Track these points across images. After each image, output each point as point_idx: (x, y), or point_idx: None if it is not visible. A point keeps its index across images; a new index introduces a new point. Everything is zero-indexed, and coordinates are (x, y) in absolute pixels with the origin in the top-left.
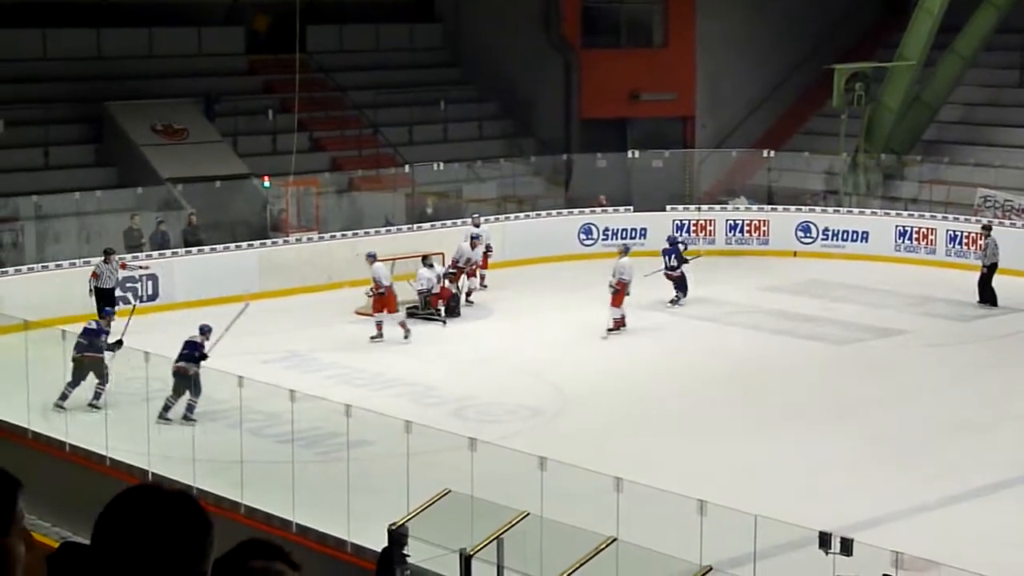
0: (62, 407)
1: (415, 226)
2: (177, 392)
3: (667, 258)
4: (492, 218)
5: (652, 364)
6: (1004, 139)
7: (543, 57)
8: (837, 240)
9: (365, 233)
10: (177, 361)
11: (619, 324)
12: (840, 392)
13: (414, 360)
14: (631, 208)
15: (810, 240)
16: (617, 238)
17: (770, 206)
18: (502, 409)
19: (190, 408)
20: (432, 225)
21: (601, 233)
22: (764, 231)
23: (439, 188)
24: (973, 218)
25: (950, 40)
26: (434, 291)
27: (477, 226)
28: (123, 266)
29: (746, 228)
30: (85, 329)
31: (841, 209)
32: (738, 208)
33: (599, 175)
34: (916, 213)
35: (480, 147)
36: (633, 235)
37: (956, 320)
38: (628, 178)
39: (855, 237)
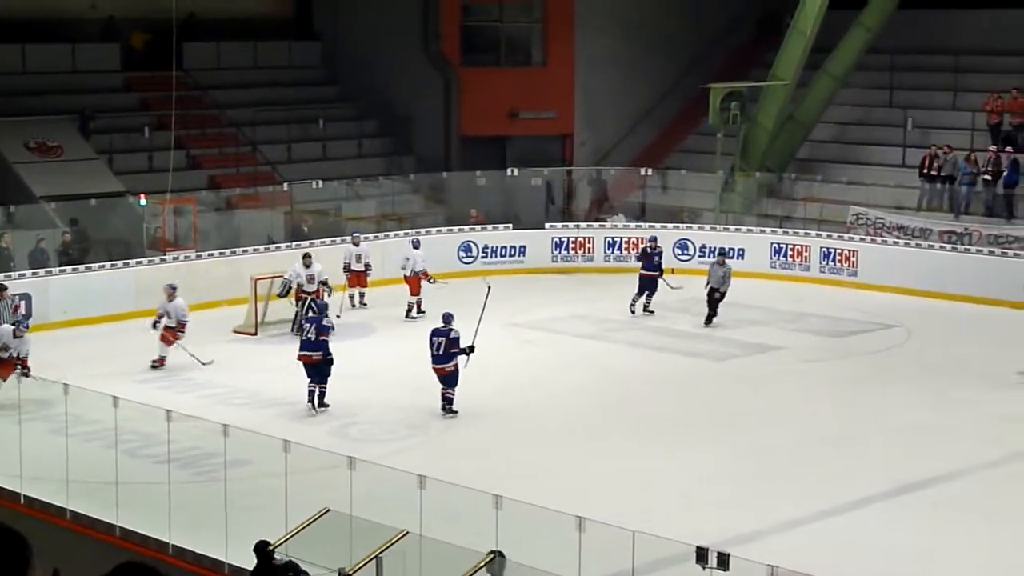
0: None
1: (294, 244)
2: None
3: (655, 257)
4: (371, 236)
5: (537, 380)
6: (875, 157)
7: (423, 75)
8: (714, 257)
9: (243, 252)
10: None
11: (417, 308)
12: (720, 407)
13: (295, 378)
14: (511, 226)
15: (687, 257)
16: (497, 256)
17: (648, 223)
18: (385, 427)
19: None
20: (311, 243)
21: (480, 251)
22: (643, 249)
23: (318, 206)
24: (846, 235)
25: (822, 60)
26: (305, 288)
27: (357, 244)
28: (15, 309)
29: (624, 245)
30: None
31: (717, 226)
32: (616, 225)
33: (478, 193)
34: (791, 230)
35: (359, 165)
36: (512, 252)
37: (830, 336)
38: (507, 196)
39: (731, 254)
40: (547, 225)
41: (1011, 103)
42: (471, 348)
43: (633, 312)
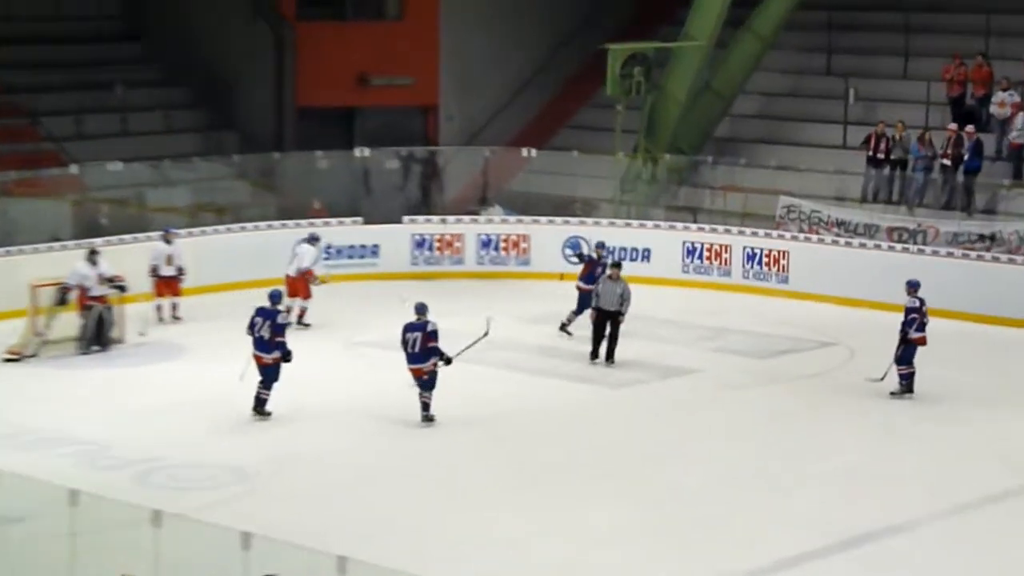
0: None
1: (85, 242)
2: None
3: (596, 269)
4: (184, 231)
5: (387, 411)
6: (810, 137)
7: (249, 31)
8: (604, 269)
9: (20, 252)
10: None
11: (302, 315)
12: (616, 446)
13: (84, 410)
14: (360, 220)
15: (579, 260)
16: (343, 257)
17: (531, 217)
18: (199, 472)
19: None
20: (107, 240)
21: (322, 251)
22: (524, 248)
23: (116, 194)
24: (775, 232)
25: (745, 17)
26: (93, 292)
27: (169, 242)
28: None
29: (502, 244)
30: None
31: (618, 221)
32: (492, 220)
33: (320, 178)
34: (707, 226)
35: (168, 143)
36: (362, 253)
37: (756, 356)
38: (356, 182)
39: (635, 255)
40: (406, 219)
41: (975, 71)
42: (448, 360)
43: (569, 334)
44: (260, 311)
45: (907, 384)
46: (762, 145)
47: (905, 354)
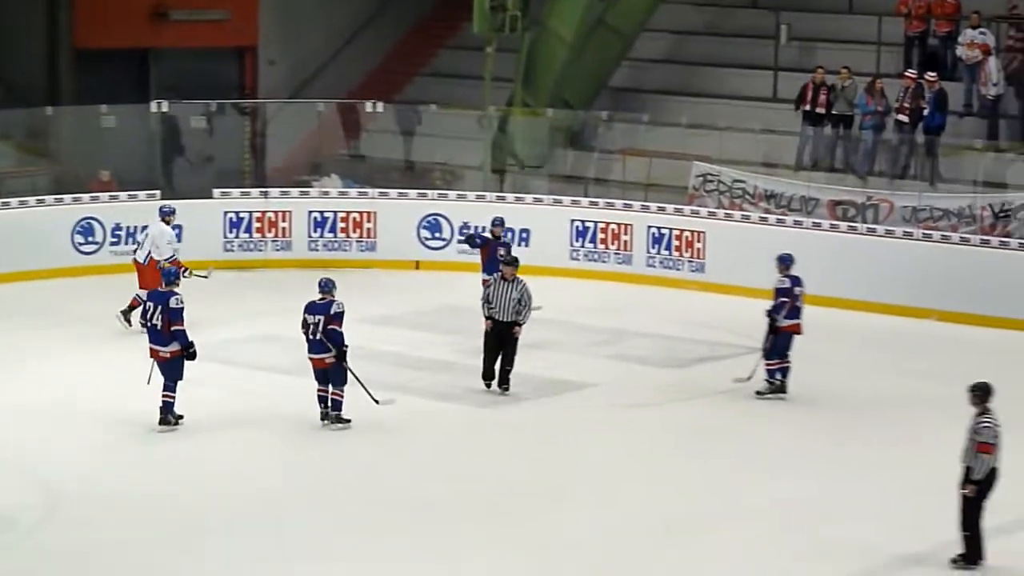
0: None
1: None
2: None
3: (497, 252)
4: None
5: (188, 443)
6: (732, 87)
7: None
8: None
9: None
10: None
11: (133, 306)
12: (491, 481)
13: None
14: (157, 193)
15: (440, 243)
16: (131, 241)
17: (379, 190)
18: None
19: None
20: None
21: (108, 233)
22: (370, 229)
23: None
24: (687, 207)
25: None
26: None
27: None
28: None
29: (340, 225)
30: None
31: (488, 195)
32: (328, 193)
33: (105, 140)
34: (602, 201)
35: None
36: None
37: (663, 366)
38: (152, 145)
39: (511, 238)
40: (217, 193)
41: (937, 5)
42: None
43: None
44: (152, 295)
45: (779, 382)
46: (671, 98)
47: (776, 346)
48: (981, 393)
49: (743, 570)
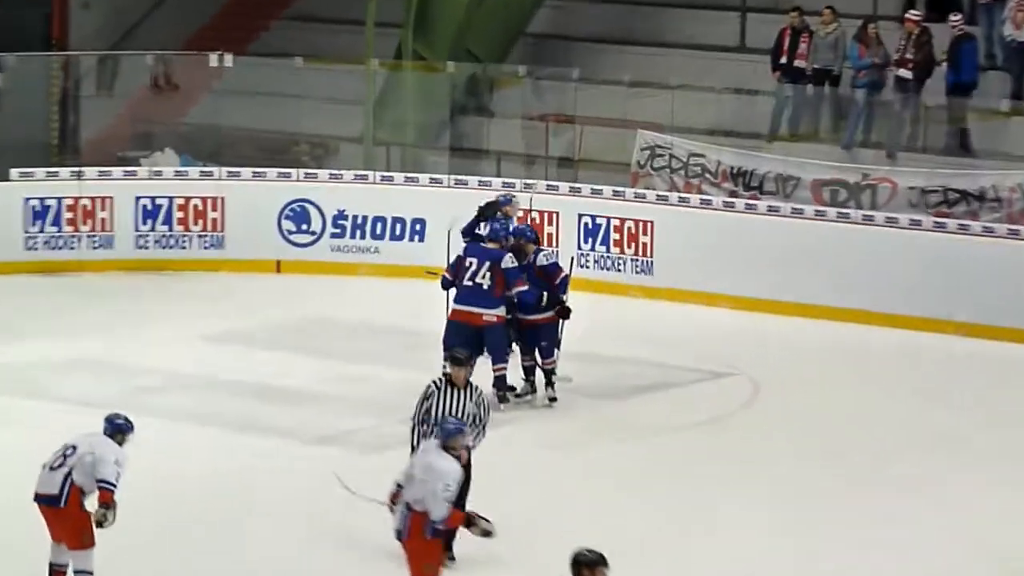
0: None
1: None
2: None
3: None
4: None
5: None
6: (688, 33)
7: None
8: (363, 237)
9: None
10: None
11: None
12: (375, 544)
13: None
14: None
15: (307, 238)
16: None
17: (228, 169)
18: None
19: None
20: None
21: None
22: (217, 221)
23: None
24: (630, 191)
25: None
26: None
27: None
28: None
29: (178, 215)
30: None
31: (370, 175)
32: (160, 173)
33: None
34: (519, 181)
35: None
36: None
37: (599, 396)
38: None
39: (400, 230)
40: (15, 174)
41: None
42: None
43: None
44: None
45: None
46: (608, 48)
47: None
48: None
49: None
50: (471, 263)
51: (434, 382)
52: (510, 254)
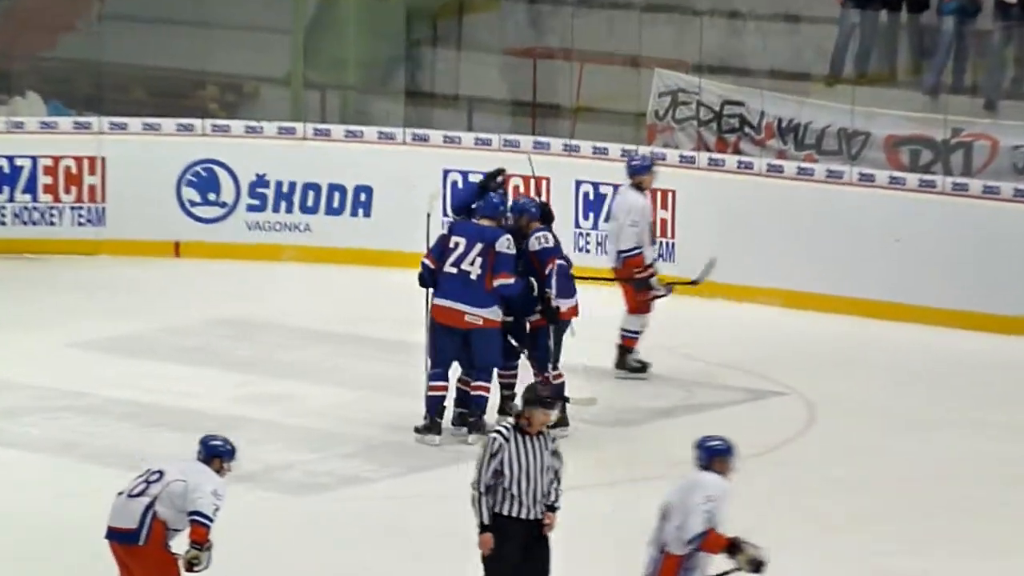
0: None
1: None
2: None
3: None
4: None
5: None
6: None
7: None
8: (290, 211)
9: None
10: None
11: None
12: None
13: None
14: None
15: (216, 211)
16: None
17: (110, 119)
18: None
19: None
20: None
21: None
22: (95, 188)
23: None
24: (645, 148)
25: None
26: None
27: None
28: None
29: (44, 180)
30: None
31: (298, 127)
32: (21, 125)
33: None
34: (497, 138)
35: None
36: None
37: (606, 424)
38: None
39: (339, 201)
40: None
41: None
42: None
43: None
44: None
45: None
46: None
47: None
48: None
49: None
50: (457, 243)
51: (500, 432)
52: (508, 236)
